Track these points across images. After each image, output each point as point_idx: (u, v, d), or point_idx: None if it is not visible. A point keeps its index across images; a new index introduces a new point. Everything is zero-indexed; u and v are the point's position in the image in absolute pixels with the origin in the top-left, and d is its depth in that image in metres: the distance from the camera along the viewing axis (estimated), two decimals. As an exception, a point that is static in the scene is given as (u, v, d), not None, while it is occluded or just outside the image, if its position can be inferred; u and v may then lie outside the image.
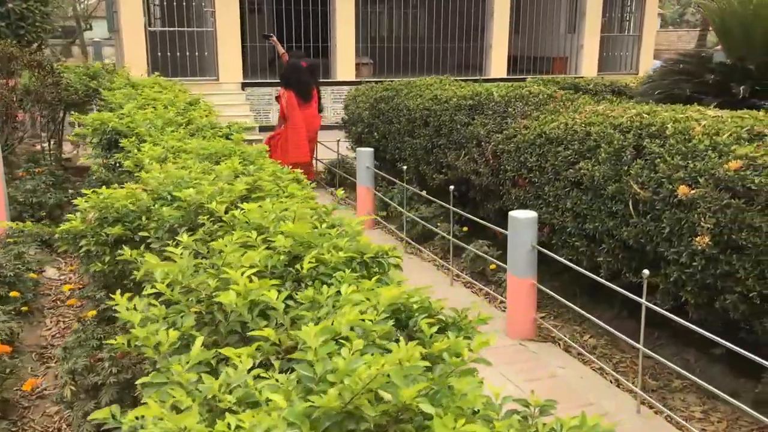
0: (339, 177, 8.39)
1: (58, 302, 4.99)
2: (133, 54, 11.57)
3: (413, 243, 6.14)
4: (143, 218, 2.56)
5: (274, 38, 9.18)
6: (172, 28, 12.25)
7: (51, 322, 4.65)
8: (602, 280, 3.89)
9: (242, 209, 2.27)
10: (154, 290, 1.57)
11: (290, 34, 13.02)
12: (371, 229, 6.71)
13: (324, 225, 1.96)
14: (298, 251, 1.79)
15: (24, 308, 4.35)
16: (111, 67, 9.49)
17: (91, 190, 2.78)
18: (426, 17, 16.86)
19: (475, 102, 5.95)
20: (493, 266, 5.08)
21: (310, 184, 3.45)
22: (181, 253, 1.83)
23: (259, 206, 2.26)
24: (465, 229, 5.83)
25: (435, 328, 1.45)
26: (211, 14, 12.06)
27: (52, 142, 8.80)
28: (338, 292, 1.47)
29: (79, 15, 21.79)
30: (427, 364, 1.23)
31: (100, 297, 4.16)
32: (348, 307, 1.36)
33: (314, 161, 8.96)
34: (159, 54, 11.93)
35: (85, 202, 2.80)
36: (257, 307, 1.48)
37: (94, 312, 3.93)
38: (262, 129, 11.66)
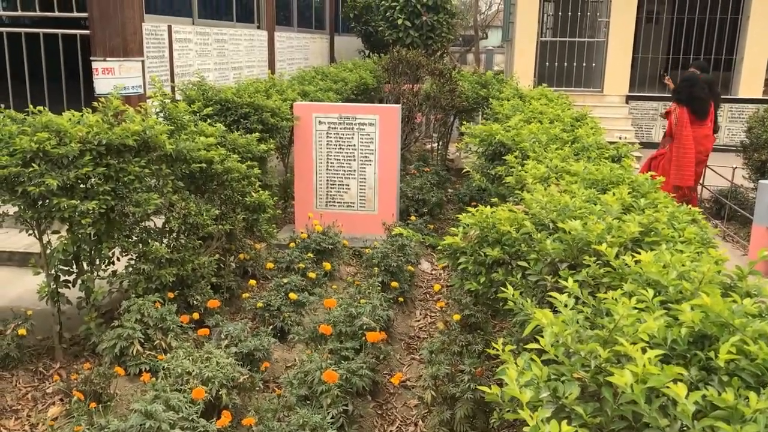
0: (728, 209, 7.33)
1: (428, 296, 5.37)
2: (522, 63, 11.95)
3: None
4: (523, 245, 2.49)
5: (668, 78, 8.47)
6: (562, 39, 12.28)
7: (420, 314, 5.01)
8: None
9: (634, 256, 2.02)
10: (536, 346, 1.44)
11: (688, 46, 11.90)
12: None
13: (733, 297, 1.59)
14: (708, 330, 1.47)
15: (400, 299, 4.76)
16: (501, 77, 9.91)
17: (475, 208, 2.83)
18: None
19: None
20: None
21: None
22: (566, 303, 1.67)
23: (655, 256, 1.97)
24: None
25: None
26: (605, 24, 11.72)
27: (440, 143, 9.63)
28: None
29: (478, 25, 23.51)
30: None
31: (466, 302, 4.33)
32: (790, 438, 1.03)
33: (699, 187, 8.00)
34: (546, 64, 12.08)
35: (469, 218, 2.87)
36: (657, 398, 1.24)
37: (459, 317, 4.08)
38: (643, 146, 10.93)
